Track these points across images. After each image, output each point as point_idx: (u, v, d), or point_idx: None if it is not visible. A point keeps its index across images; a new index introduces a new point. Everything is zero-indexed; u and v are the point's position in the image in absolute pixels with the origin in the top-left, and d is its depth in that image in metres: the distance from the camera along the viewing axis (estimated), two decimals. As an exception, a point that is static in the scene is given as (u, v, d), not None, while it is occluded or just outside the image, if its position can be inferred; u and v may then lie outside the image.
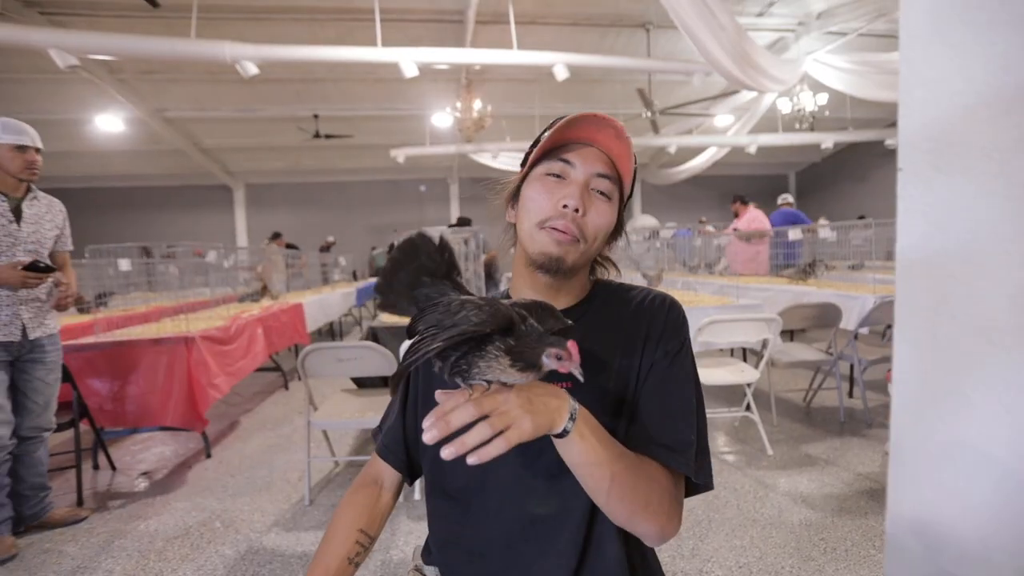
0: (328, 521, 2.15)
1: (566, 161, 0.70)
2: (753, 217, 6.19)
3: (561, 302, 0.75)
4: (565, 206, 0.67)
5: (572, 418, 0.57)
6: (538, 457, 0.69)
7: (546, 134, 0.71)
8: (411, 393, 0.81)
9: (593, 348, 0.69)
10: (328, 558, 0.72)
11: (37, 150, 2.13)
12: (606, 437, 0.61)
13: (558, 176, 0.70)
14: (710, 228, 6.00)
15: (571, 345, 0.51)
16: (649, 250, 5.21)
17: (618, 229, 0.76)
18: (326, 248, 9.70)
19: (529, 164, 0.73)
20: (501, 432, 0.51)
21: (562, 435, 0.57)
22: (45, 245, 2.15)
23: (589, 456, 0.58)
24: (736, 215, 6.30)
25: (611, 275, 0.82)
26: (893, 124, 10.32)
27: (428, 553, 0.80)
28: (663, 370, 0.70)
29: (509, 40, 5.48)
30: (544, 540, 0.69)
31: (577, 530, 0.68)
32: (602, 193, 0.70)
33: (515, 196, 0.76)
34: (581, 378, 0.52)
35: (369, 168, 12.61)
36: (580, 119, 0.67)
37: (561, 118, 0.71)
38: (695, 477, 0.67)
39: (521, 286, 0.77)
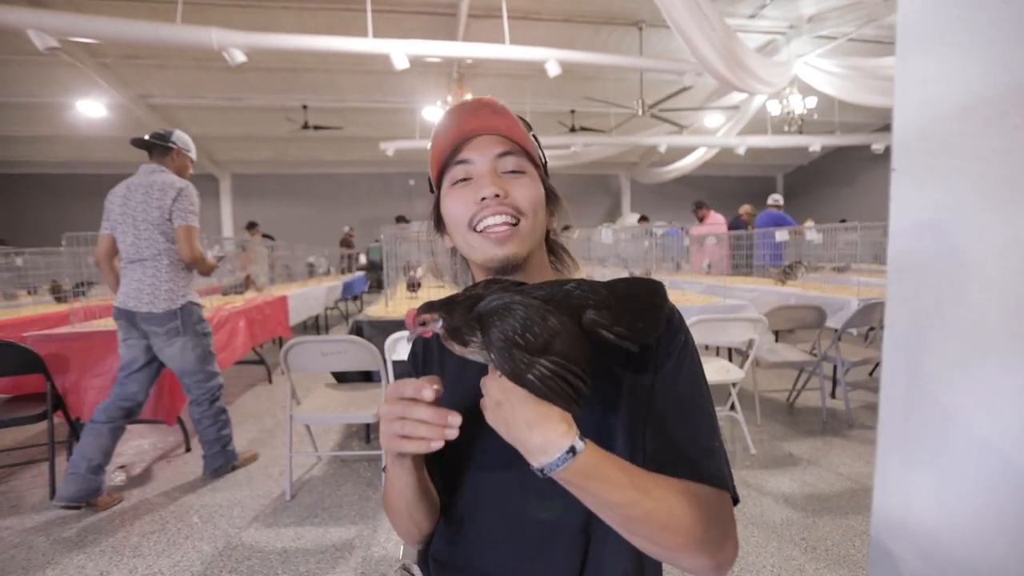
0: (308, 517, 2.13)
1: (463, 162, 0.67)
2: (714, 220, 6.70)
3: None
4: (484, 198, 0.64)
5: (543, 470, 0.50)
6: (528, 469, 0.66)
7: (431, 148, 0.70)
8: None
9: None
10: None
11: None
12: (617, 480, 0.52)
13: (464, 180, 0.67)
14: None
15: (408, 313, 0.53)
16: (641, 248, 5.23)
17: (551, 200, 0.72)
18: (347, 242, 9.31)
19: (435, 185, 0.71)
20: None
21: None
22: None
23: (588, 502, 0.53)
24: (701, 220, 6.80)
25: (572, 270, 0.76)
26: (880, 129, 10.47)
27: (425, 563, 0.76)
28: (670, 379, 0.64)
29: (501, 35, 5.44)
30: (537, 555, 0.65)
31: (570, 549, 0.63)
32: (514, 171, 0.67)
33: (438, 222, 0.73)
34: (412, 339, 0.56)
35: (358, 161, 12.51)
36: (453, 118, 0.65)
37: (436, 129, 0.69)
38: (732, 491, 0.60)
39: None
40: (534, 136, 0.71)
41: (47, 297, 4.38)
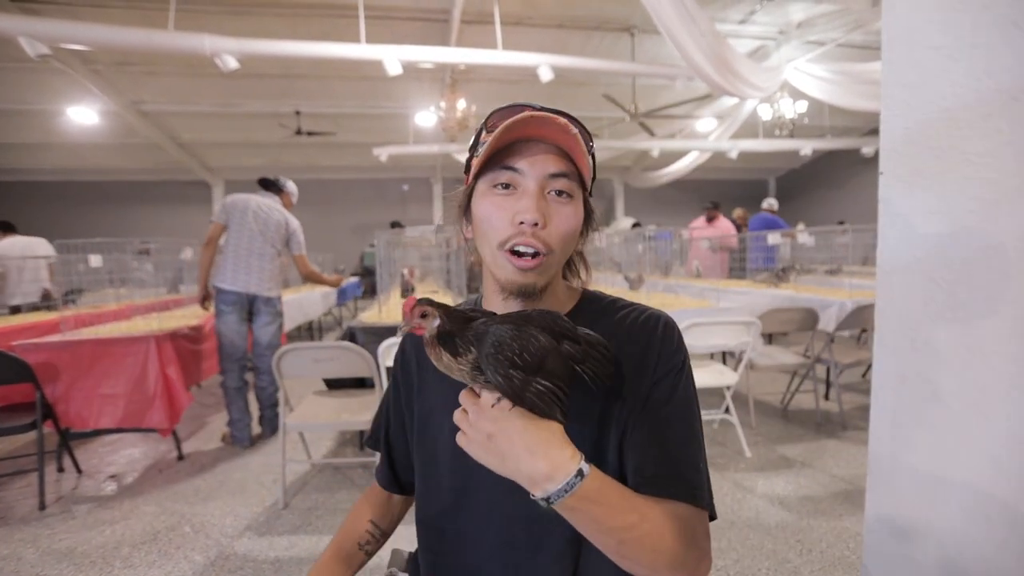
0: (302, 525, 2.11)
1: (512, 168, 0.61)
2: (720, 226, 6.56)
3: None
4: (522, 223, 0.59)
5: (548, 500, 0.50)
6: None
7: (483, 138, 0.63)
8: (394, 418, 0.80)
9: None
10: (341, 539, 0.78)
11: None
12: (618, 504, 0.53)
13: (506, 186, 0.61)
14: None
15: (407, 301, 0.54)
16: (636, 251, 5.24)
17: (588, 222, 0.67)
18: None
19: (472, 175, 0.64)
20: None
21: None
22: None
23: (586, 527, 0.53)
24: (709, 220, 6.57)
25: (584, 276, 0.74)
26: (870, 132, 10.56)
27: (416, 567, 0.77)
28: (665, 396, 0.63)
29: (494, 40, 5.46)
30: (526, 564, 0.65)
31: (561, 558, 0.63)
32: (561, 193, 0.62)
33: (466, 210, 0.67)
34: (406, 330, 0.54)
35: (352, 167, 12.48)
36: (521, 118, 0.58)
37: (497, 111, 0.63)
38: (710, 508, 0.61)
39: (495, 308, 0.69)
40: (591, 150, 0.65)
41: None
